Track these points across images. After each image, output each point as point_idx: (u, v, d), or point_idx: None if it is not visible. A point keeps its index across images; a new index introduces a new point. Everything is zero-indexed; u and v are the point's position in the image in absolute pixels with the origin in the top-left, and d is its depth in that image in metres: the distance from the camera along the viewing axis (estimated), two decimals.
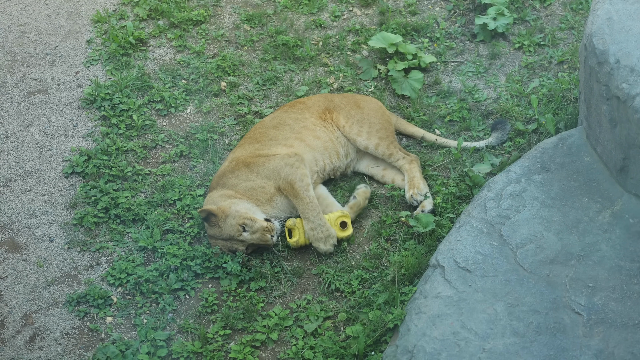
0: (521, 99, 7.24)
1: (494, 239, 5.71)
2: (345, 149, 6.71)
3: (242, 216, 6.09)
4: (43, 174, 6.72)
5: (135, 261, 6.18)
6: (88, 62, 7.58)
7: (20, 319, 5.89)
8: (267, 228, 6.10)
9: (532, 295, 5.43)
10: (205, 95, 7.32)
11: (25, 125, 7.06)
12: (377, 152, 6.69)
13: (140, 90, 7.33)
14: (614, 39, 5.73)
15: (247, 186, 6.32)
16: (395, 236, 6.31)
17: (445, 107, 7.25)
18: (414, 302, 5.60)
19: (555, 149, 6.11)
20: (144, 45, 7.74)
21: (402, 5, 8.18)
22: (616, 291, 5.39)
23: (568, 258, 5.57)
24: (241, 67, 7.59)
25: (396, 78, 7.39)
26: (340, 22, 8.04)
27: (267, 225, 6.12)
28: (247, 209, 6.18)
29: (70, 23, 7.94)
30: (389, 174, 6.73)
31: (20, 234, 6.35)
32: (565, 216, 5.76)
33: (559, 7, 8.09)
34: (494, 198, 5.92)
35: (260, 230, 6.08)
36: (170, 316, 5.92)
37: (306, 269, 6.18)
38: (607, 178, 5.88)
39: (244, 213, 6.12)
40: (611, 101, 5.64)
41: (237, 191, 6.30)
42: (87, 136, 6.98)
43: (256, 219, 6.13)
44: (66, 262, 6.20)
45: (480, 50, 7.77)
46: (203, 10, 8.02)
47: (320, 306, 5.93)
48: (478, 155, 6.79)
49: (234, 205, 6.18)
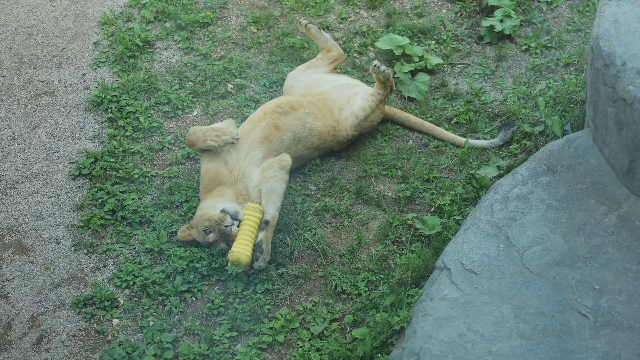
0: (528, 101, 7.24)
1: (501, 241, 5.71)
2: None
3: (202, 219, 6.11)
4: (50, 176, 6.73)
5: (141, 263, 6.19)
6: (95, 64, 7.59)
7: (26, 320, 5.91)
8: (218, 220, 6.10)
9: (538, 297, 5.43)
10: (212, 97, 7.33)
11: (32, 127, 7.07)
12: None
13: (147, 92, 7.34)
14: (621, 41, 5.73)
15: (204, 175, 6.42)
16: (401, 238, 6.31)
17: (452, 109, 7.25)
18: (420, 305, 5.59)
19: (562, 151, 6.10)
20: (150, 47, 7.75)
21: (408, 8, 8.18)
22: (623, 293, 5.39)
23: (574, 260, 5.57)
24: (248, 69, 7.60)
25: (403, 80, 7.39)
26: (347, 24, 8.04)
27: (219, 217, 6.09)
28: (208, 207, 6.21)
29: (77, 25, 7.95)
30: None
31: (27, 235, 6.36)
32: (571, 218, 5.76)
33: (565, 9, 8.08)
34: (500, 200, 5.92)
35: (214, 225, 6.08)
36: (177, 318, 5.92)
37: (312, 271, 6.19)
38: (613, 180, 5.88)
39: (203, 214, 6.14)
40: (618, 103, 5.64)
41: (204, 187, 6.38)
42: (93, 138, 7.00)
43: (212, 215, 6.12)
44: (73, 264, 6.21)
45: (487, 52, 7.77)
46: (210, 12, 8.03)
47: (326, 308, 5.93)
48: (485, 157, 6.79)
49: (198, 211, 6.21)
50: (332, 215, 6.52)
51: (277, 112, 6.62)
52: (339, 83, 7.06)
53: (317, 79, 7.11)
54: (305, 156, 6.75)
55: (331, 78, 7.13)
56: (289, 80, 7.14)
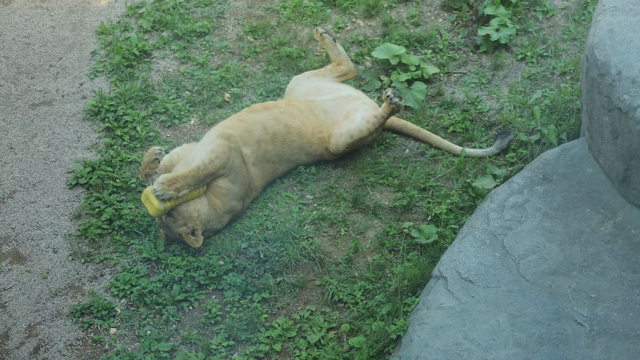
0: (524, 109, 7.26)
1: (497, 250, 5.73)
2: None
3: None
4: (47, 186, 6.75)
5: (139, 272, 6.20)
6: (92, 74, 7.61)
7: (24, 330, 5.91)
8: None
9: (534, 306, 5.44)
10: (209, 106, 7.35)
11: (29, 137, 7.09)
12: None
13: (144, 101, 7.36)
14: (616, 50, 5.75)
15: None
16: (398, 247, 6.33)
17: (448, 118, 7.26)
18: (416, 313, 5.61)
19: (558, 160, 6.12)
20: (147, 57, 7.77)
21: (405, 17, 8.21)
22: (618, 302, 5.40)
23: (570, 269, 5.58)
24: (245, 78, 7.62)
25: (399, 89, 7.41)
26: (344, 34, 8.07)
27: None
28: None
29: (75, 35, 7.97)
30: None
31: (25, 245, 6.37)
32: (567, 227, 5.78)
33: (561, 18, 8.11)
34: (496, 209, 5.94)
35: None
36: (174, 327, 5.93)
37: (309, 279, 6.20)
38: (609, 189, 5.90)
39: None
40: (613, 112, 5.66)
41: None
42: (91, 147, 7.01)
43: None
44: (70, 274, 6.22)
45: (483, 61, 7.79)
46: (207, 21, 8.05)
47: (323, 317, 5.95)
48: (481, 166, 6.81)
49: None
50: (329, 224, 6.54)
51: (246, 111, 6.70)
52: (339, 94, 7.06)
53: (320, 86, 7.12)
54: (291, 156, 6.76)
55: (333, 87, 7.14)
56: (292, 84, 7.16)
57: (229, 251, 6.29)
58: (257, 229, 6.45)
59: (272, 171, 6.68)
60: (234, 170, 6.37)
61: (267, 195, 6.71)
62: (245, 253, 6.30)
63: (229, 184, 6.37)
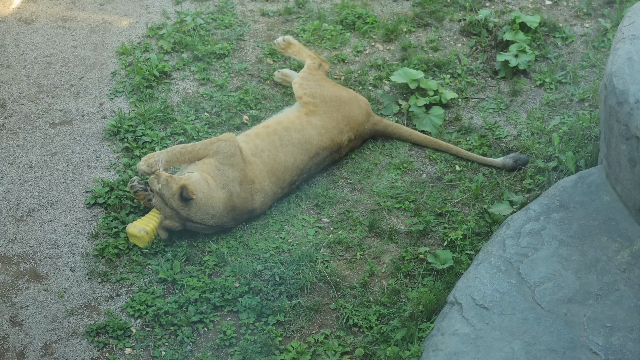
0: (542, 136, 7.26)
1: (512, 277, 5.72)
2: None
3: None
4: (66, 205, 6.79)
5: (155, 293, 6.22)
6: (112, 94, 7.67)
7: (40, 348, 5.94)
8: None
9: (549, 334, 5.43)
10: (228, 128, 7.38)
11: (49, 156, 7.14)
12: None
13: (163, 122, 7.40)
14: (634, 79, 5.75)
15: None
16: (413, 272, 6.33)
17: (465, 143, 7.27)
18: (431, 339, 5.60)
19: (575, 188, 6.12)
20: (167, 78, 7.82)
21: (424, 41, 8.23)
22: (634, 331, 5.38)
23: (586, 297, 5.57)
24: (263, 100, 7.65)
25: (417, 114, 7.43)
26: (363, 57, 8.10)
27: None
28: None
29: (96, 55, 8.04)
30: None
31: (42, 263, 6.41)
32: (583, 255, 5.77)
33: (580, 44, 8.12)
34: (512, 236, 5.93)
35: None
36: (189, 349, 5.94)
37: (324, 303, 6.20)
38: (626, 217, 5.88)
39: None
40: (631, 141, 5.66)
41: None
42: (109, 167, 7.05)
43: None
44: (87, 293, 6.25)
45: (502, 87, 7.80)
46: (227, 43, 8.10)
47: (337, 341, 5.94)
48: (498, 192, 6.81)
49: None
50: (344, 247, 6.55)
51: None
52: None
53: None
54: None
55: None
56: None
57: (245, 273, 6.30)
58: (273, 251, 6.47)
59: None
60: (222, 152, 6.60)
61: (284, 218, 6.73)
62: (261, 275, 6.31)
63: (218, 164, 6.56)
